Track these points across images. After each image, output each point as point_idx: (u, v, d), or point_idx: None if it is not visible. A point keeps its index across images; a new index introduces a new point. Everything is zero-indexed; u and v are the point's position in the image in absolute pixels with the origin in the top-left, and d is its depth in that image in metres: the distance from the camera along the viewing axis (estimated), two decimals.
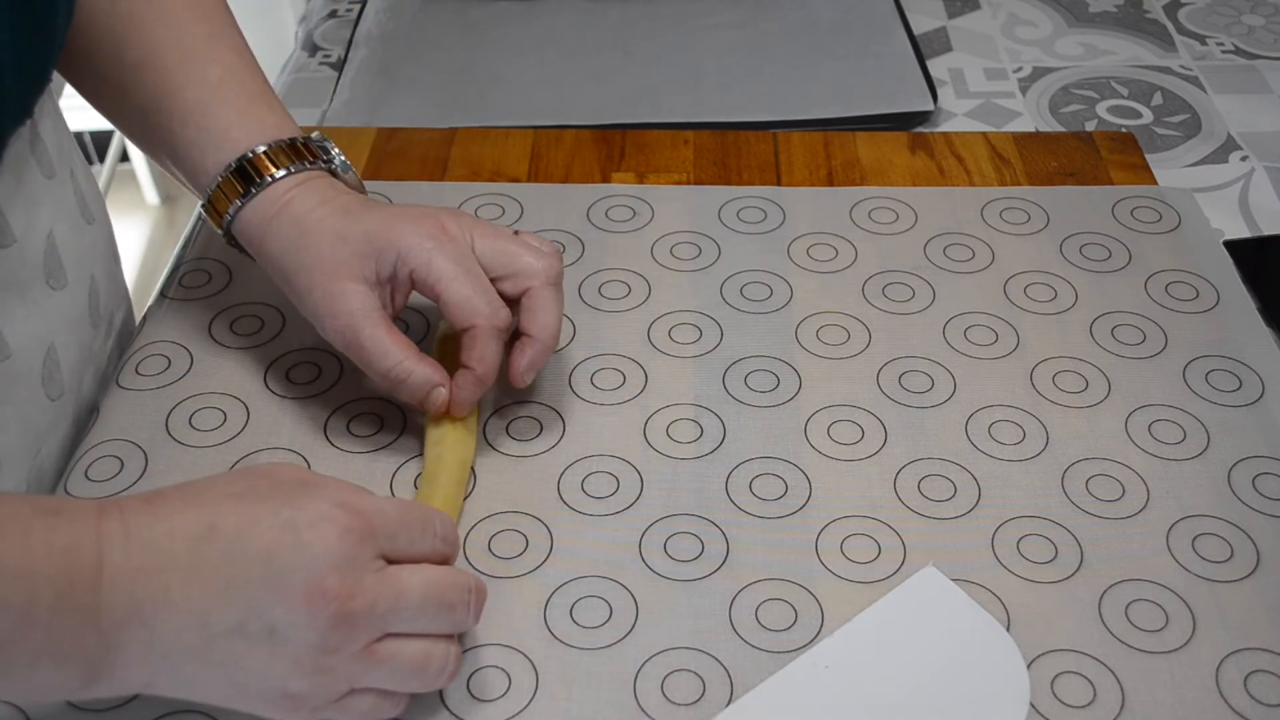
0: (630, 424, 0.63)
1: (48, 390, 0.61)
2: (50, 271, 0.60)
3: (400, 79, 0.94)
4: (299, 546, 0.44)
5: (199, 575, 0.43)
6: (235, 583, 0.43)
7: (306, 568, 0.44)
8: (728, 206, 0.76)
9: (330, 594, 0.44)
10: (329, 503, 0.46)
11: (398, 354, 0.57)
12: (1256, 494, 0.59)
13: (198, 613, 0.43)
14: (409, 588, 0.46)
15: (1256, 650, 0.52)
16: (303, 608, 0.44)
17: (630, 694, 0.51)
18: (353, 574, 0.45)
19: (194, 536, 0.43)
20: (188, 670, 0.44)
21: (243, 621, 0.43)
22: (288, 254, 0.59)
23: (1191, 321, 0.68)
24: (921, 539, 0.57)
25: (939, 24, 1.01)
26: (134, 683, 0.44)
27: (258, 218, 0.60)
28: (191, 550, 0.43)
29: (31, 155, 0.60)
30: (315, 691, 0.45)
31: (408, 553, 0.47)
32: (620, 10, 1.01)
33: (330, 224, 0.58)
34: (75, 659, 0.42)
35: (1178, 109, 0.90)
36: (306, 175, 0.61)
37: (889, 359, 0.66)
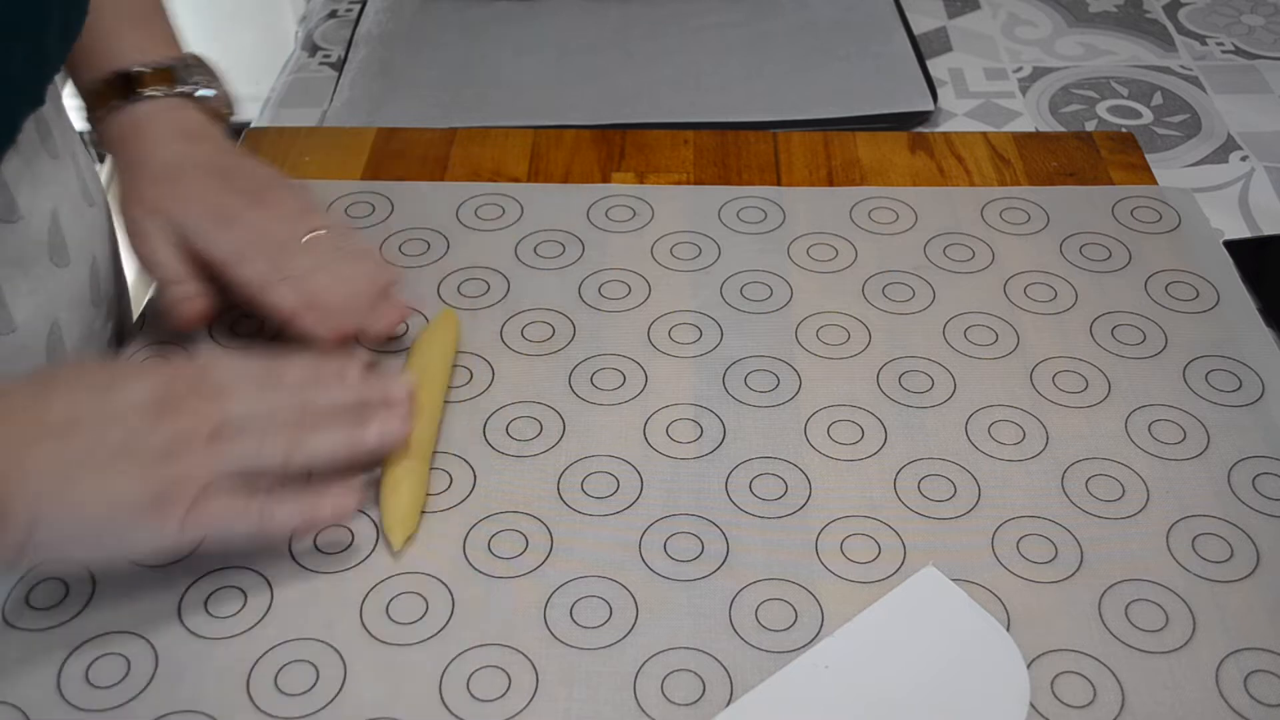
0: (630, 424, 0.63)
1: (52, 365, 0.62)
2: (54, 249, 0.62)
3: (400, 79, 0.94)
4: (123, 385, 0.51)
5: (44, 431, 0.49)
6: (77, 423, 0.49)
7: (133, 396, 0.50)
8: (728, 206, 0.76)
9: (161, 403, 0.51)
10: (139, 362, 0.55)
11: (175, 267, 0.62)
12: (1256, 494, 0.59)
13: (53, 453, 0.48)
14: (228, 388, 0.53)
15: (1256, 650, 0.52)
16: (140, 422, 0.50)
17: (630, 694, 0.51)
18: (176, 387, 0.52)
19: (30, 395, 0.50)
20: (66, 498, 0.48)
21: (92, 448, 0.49)
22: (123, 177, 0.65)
23: (1191, 321, 0.68)
24: (921, 539, 0.57)
25: (939, 24, 1.02)
26: (21, 521, 0.47)
27: (114, 136, 0.65)
28: (32, 403, 0.49)
29: (39, 137, 0.62)
30: (174, 488, 0.50)
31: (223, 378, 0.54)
32: (620, 10, 1.01)
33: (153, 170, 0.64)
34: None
35: (1178, 109, 0.90)
36: (166, 103, 0.65)
37: (889, 359, 0.66)
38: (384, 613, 0.54)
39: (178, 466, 0.50)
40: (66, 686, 0.51)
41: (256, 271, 0.62)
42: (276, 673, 0.52)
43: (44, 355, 0.62)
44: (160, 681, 0.51)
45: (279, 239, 0.63)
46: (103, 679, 0.52)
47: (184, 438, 0.50)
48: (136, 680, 0.52)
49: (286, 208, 0.65)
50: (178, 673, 0.52)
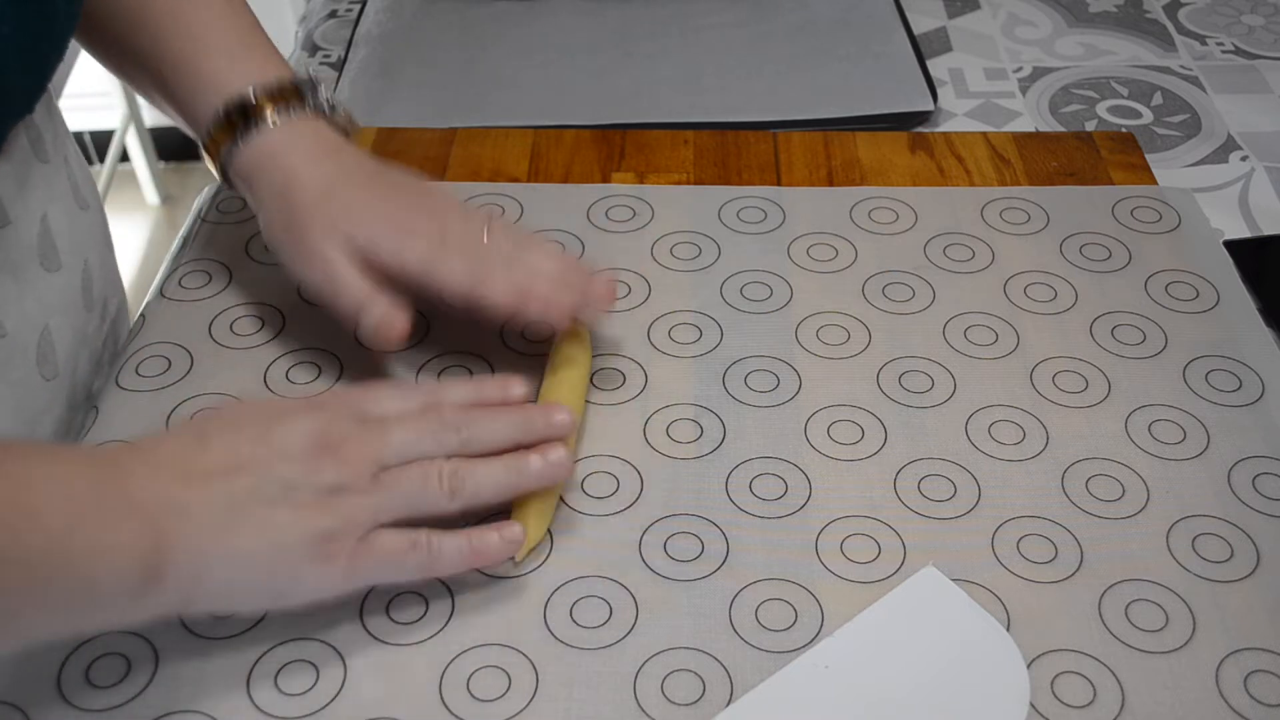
0: (630, 424, 0.63)
1: (42, 371, 0.62)
2: (44, 254, 0.62)
3: (400, 79, 0.94)
4: (284, 423, 0.50)
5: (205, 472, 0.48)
6: (240, 466, 0.49)
7: (295, 438, 0.50)
8: (728, 206, 0.76)
9: (323, 444, 0.50)
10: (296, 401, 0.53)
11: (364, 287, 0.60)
12: (1256, 494, 0.59)
13: (217, 492, 0.48)
14: (389, 425, 0.52)
15: (1256, 650, 0.52)
16: (303, 459, 0.49)
17: (630, 694, 0.51)
18: (338, 427, 0.51)
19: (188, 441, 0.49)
20: (230, 542, 0.47)
21: (258, 487, 0.48)
22: (270, 204, 0.62)
23: (1191, 321, 0.68)
24: (921, 539, 0.57)
25: (939, 24, 1.01)
26: (185, 575, 0.46)
27: (248, 165, 0.62)
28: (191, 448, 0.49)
29: (27, 140, 0.62)
30: (340, 528, 0.49)
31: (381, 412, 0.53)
32: (620, 10, 1.01)
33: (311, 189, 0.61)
34: (128, 552, 0.45)
35: (1178, 109, 0.90)
36: (296, 123, 0.63)
37: (889, 359, 0.66)
38: (384, 613, 0.54)
39: (341, 510, 0.49)
40: (66, 686, 0.51)
41: (457, 272, 0.59)
42: (276, 673, 0.52)
43: (34, 361, 0.61)
44: (160, 681, 0.51)
45: (461, 238, 0.61)
46: (103, 679, 0.52)
47: (347, 478, 0.50)
48: (136, 680, 0.52)
49: (452, 208, 0.63)
50: (178, 673, 0.52)
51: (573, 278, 0.61)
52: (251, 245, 0.73)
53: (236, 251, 0.73)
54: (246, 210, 0.76)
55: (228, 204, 0.76)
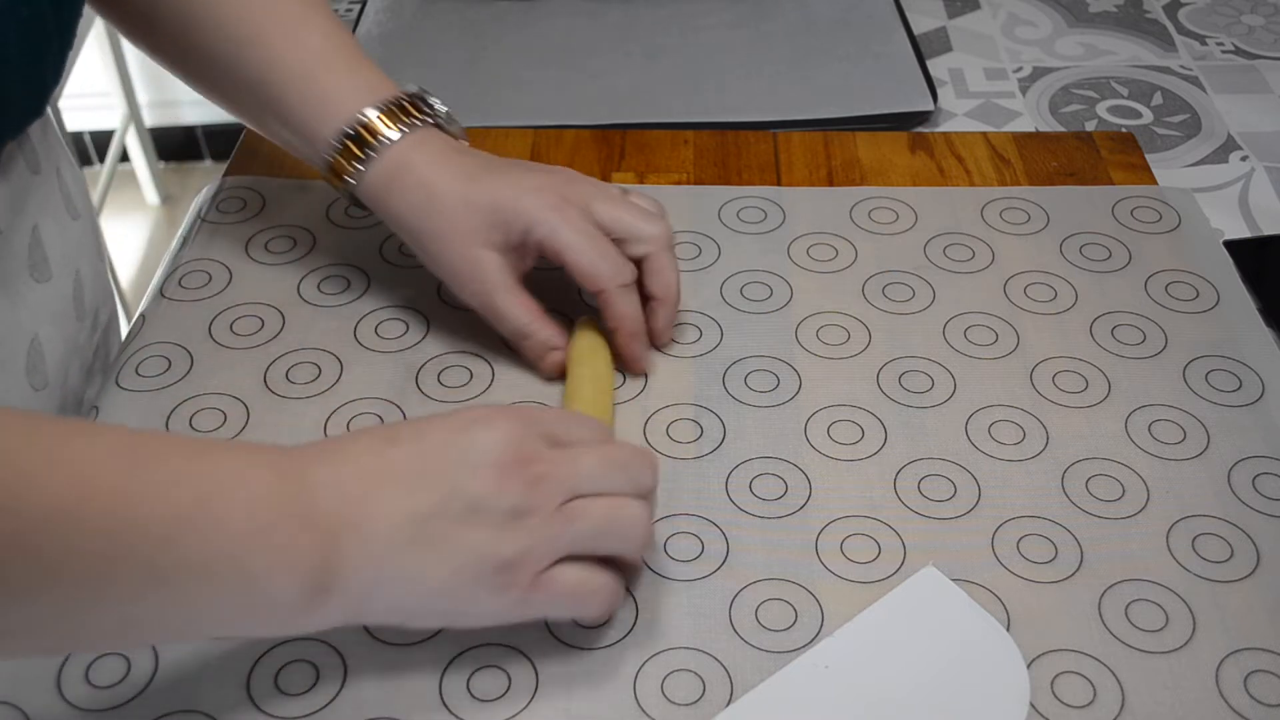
0: (630, 424, 0.63)
1: (31, 381, 0.61)
2: (34, 264, 0.61)
3: (400, 79, 0.94)
4: (474, 437, 0.48)
5: (391, 476, 0.47)
6: (427, 473, 0.47)
7: (486, 450, 0.47)
8: (728, 206, 0.76)
9: (512, 464, 0.47)
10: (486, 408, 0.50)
11: (526, 315, 0.62)
12: (1256, 494, 0.59)
13: (400, 505, 0.46)
14: (583, 454, 0.50)
15: (1256, 650, 0.52)
16: (492, 480, 0.47)
17: (630, 694, 0.51)
18: (530, 446, 0.48)
19: (377, 451, 0.47)
20: (405, 562, 0.46)
21: (443, 503, 0.46)
22: (416, 217, 0.62)
23: (1191, 321, 0.68)
24: (921, 539, 0.57)
25: (939, 24, 1.01)
26: (353, 593, 0.46)
27: (379, 180, 0.63)
28: (379, 457, 0.47)
29: (19, 151, 0.61)
30: (523, 556, 0.47)
31: (567, 438, 0.51)
32: (620, 10, 1.01)
33: (457, 188, 0.61)
34: (300, 567, 0.44)
35: (1178, 109, 0.90)
36: (420, 133, 0.63)
37: (889, 359, 0.66)
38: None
39: (525, 537, 0.47)
40: (66, 686, 0.51)
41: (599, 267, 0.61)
42: (276, 673, 0.52)
43: (23, 371, 0.61)
44: (160, 681, 0.51)
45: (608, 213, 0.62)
46: (103, 679, 0.52)
47: (534, 504, 0.48)
48: (136, 680, 0.52)
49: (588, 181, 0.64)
50: (178, 673, 0.52)
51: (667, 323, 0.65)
52: (251, 245, 0.73)
53: (236, 251, 0.73)
54: (247, 210, 0.76)
55: (227, 204, 0.76)
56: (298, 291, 0.70)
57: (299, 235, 0.74)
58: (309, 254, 0.73)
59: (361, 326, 0.68)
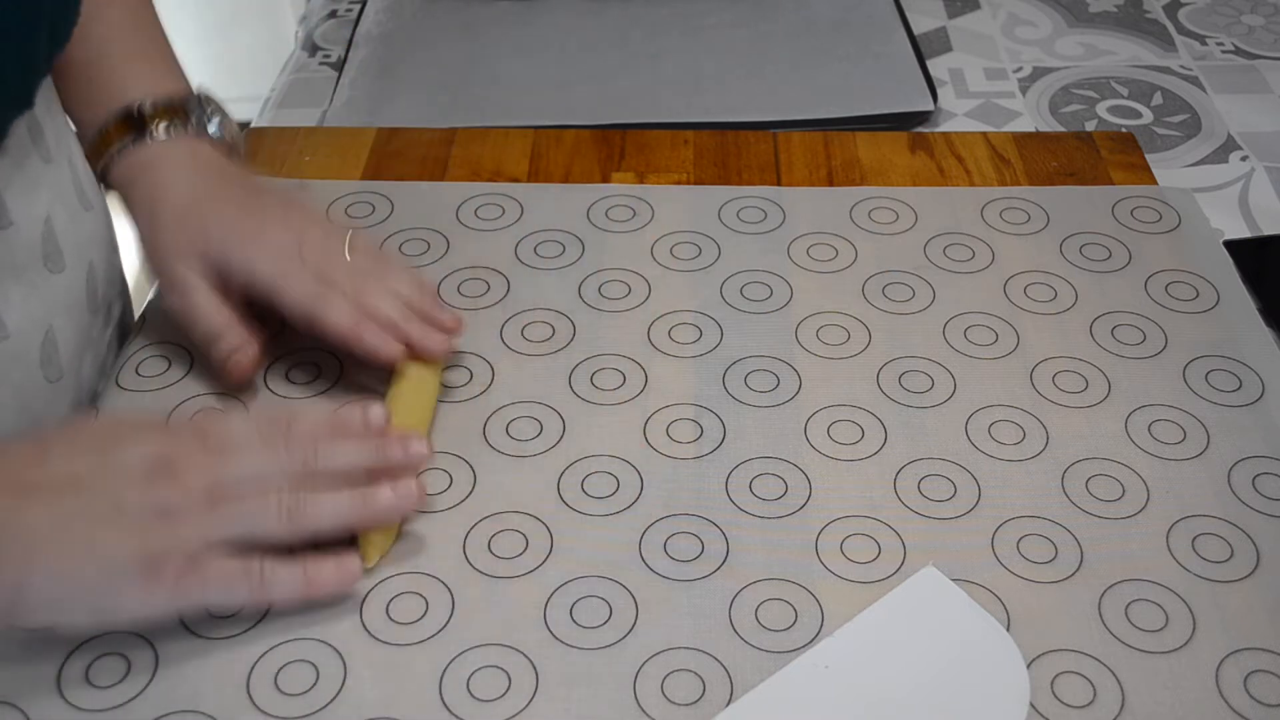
0: (630, 424, 0.63)
1: (46, 373, 0.61)
2: (48, 255, 0.61)
3: (400, 79, 0.94)
4: (125, 443, 0.50)
5: (39, 477, 0.49)
6: (74, 479, 0.49)
7: (136, 453, 0.50)
8: (728, 206, 0.76)
9: (161, 465, 0.50)
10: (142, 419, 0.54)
11: (218, 319, 0.61)
12: (1256, 494, 0.59)
13: (47, 505, 0.48)
14: (232, 455, 0.51)
15: (1256, 650, 0.52)
16: (138, 479, 0.49)
17: (630, 694, 0.51)
18: (178, 450, 0.51)
19: (28, 455, 0.50)
20: (52, 560, 0.48)
21: (89, 508, 0.48)
22: (139, 219, 0.64)
23: (1191, 321, 0.68)
24: (921, 539, 0.57)
25: (939, 24, 1.02)
26: (12, 580, 0.47)
27: (124, 175, 0.64)
28: (29, 462, 0.49)
29: (30, 140, 0.61)
30: (168, 550, 0.49)
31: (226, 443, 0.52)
32: (620, 10, 1.01)
33: (174, 203, 0.63)
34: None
35: (1178, 109, 0.90)
36: (178, 138, 0.64)
37: (889, 359, 0.66)
38: (384, 613, 0.54)
39: (171, 529, 0.49)
40: (66, 687, 0.51)
41: (305, 290, 0.61)
42: (276, 673, 0.52)
43: (38, 363, 0.61)
44: (160, 681, 0.51)
45: (316, 257, 0.62)
46: (103, 679, 0.52)
47: (179, 500, 0.50)
48: (136, 680, 0.51)
49: (314, 221, 0.64)
50: (178, 673, 0.52)
51: (422, 308, 0.62)
52: None
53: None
54: None
55: None
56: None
57: None
58: None
59: None
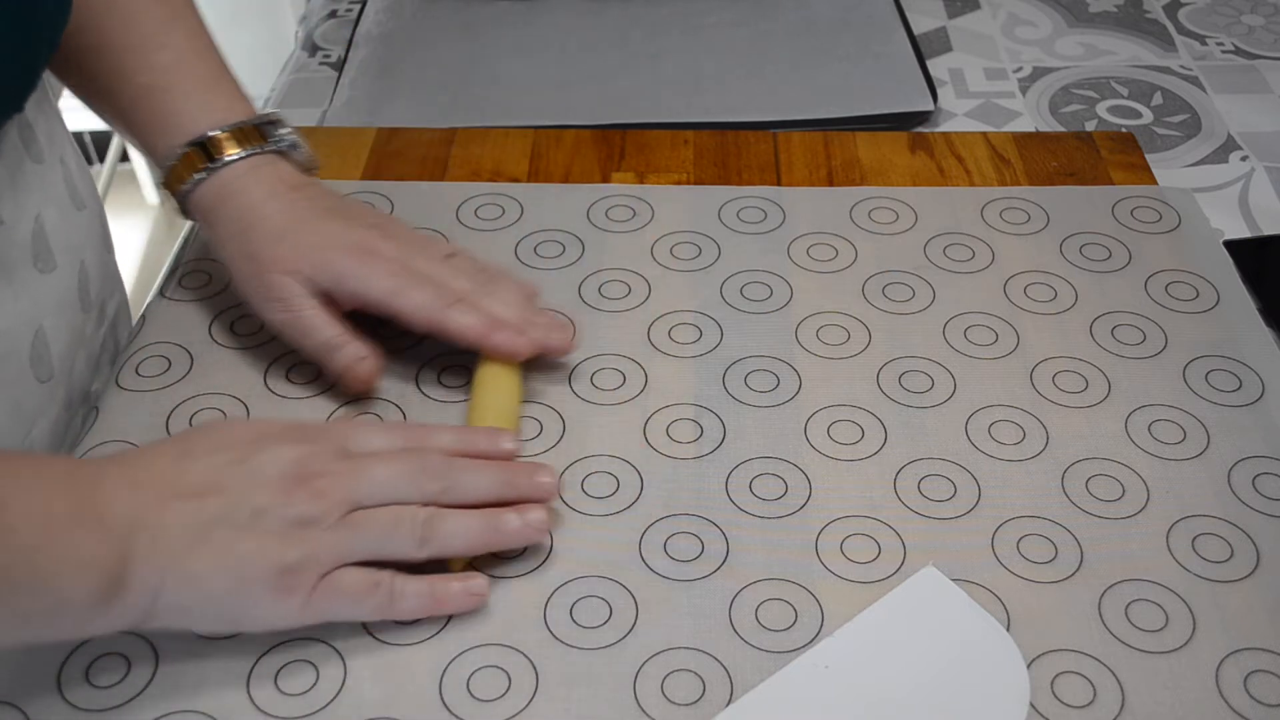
0: (630, 424, 0.63)
1: (36, 372, 0.61)
2: (38, 254, 0.61)
3: (400, 79, 0.94)
4: (266, 449, 0.51)
5: (182, 485, 0.49)
6: (216, 485, 0.50)
7: (274, 463, 0.51)
8: (728, 206, 0.76)
9: (299, 476, 0.51)
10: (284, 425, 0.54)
11: (333, 329, 0.62)
12: (1256, 494, 0.59)
13: (188, 512, 0.49)
14: (371, 466, 0.52)
15: (1256, 650, 0.52)
16: (277, 491, 0.50)
17: (630, 694, 0.51)
18: (319, 460, 0.52)
19: (172, 458, 0.50)
20: (191, 565, 0.48)
21: (229, 513, 0.49)
22: (231, 241, 0.63)
23: (1191, 321, 0.68)
24: (921, 539, 0.57)
25: (939, 24, 1.01)
26: (146, 591, 0.47)
27: (209, 197, 0.64)
28: (173, 466, 0.50)
29: (20, 139, 0.61)
30: (305, 563, 0.49)
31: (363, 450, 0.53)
32: (620, 10, 1.01)
33: (273, 222, 0.62)
34: (93, 567, 0.46)
35: (1178, 109, 0.90)
36: (257, 160, 0.64)
37: (889, 359, 0.66)
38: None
39: (308, 542, 0.50)
40: (66, 686, 0.51)
41: (424, 299, 0.61)
42: (276, 673, 0.52)
43: (27, 362, 0.61)
44: (160, 681, 0.51)
45: (424, 266, 0.62)
46: (103, 679, 0.52)
47: (317, 513, 0.50)
48: (136, 680, 0.52)
49: (412, 236, 0.64)
50: (178, 673, 0.52)
51: (534, 320, 0.63)
52: None
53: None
54: None
55: None
56: None
57: None
58: None
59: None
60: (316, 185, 0.65)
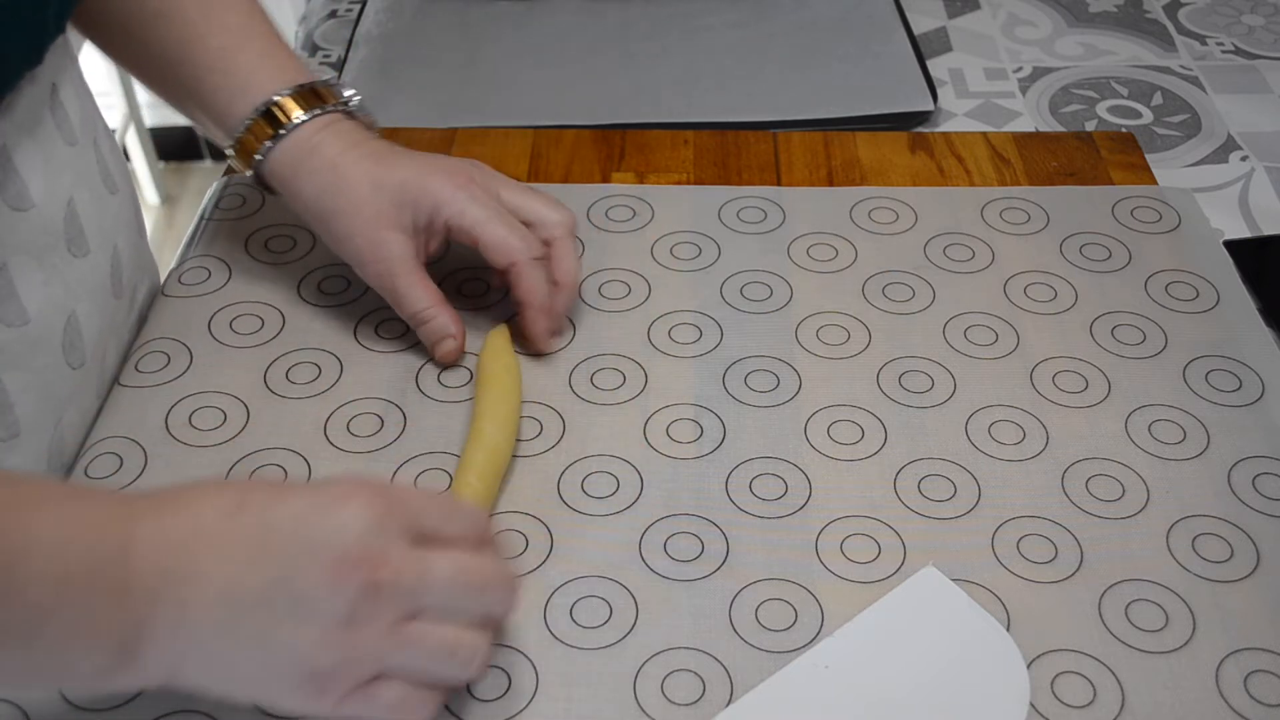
0: (630, 424, 0.63)
1: (68, 358, 0.61)
2: (71, 238, 0.61)
3: (400, 79, 0.94)
4: (326, 517, 0.44)
5: (228, 546, 0.43)
6: (263, 554, 0.43)
7: (333, 537, 0.44)
8: (728, 206, 0.76)
9: (356, 562, 0.43)
10: (354, 483, 0.46)
11: (426, 299, 0.63)
12: (1256, 494, 0.59)
13: (226, 584, 0.43)
14: (437, 565, 0.46)
15: (1256, 650, 0.52)
16: (329, 576, 0.43)
17: (630, 694, 0.51)
18: (379, 544, 0.44)
19: (223, 512, 0.44)
20: (215, 647, 0.43)
21: (270, 592, 0.43)
22: (324, 196, 0.63)
23: (1191, 321, 0.68)
24: (921, 539, 0.57)
25: (939, 24, 1.01)
26: (162, 665, 0.43)
27: (288, 159, 0.64)
28: (220, 522, 0.43)
29: (53, 120, 0.60)
30: (341, 669, 0.44)
31: (435, 533, 0.46)
32: (620, 10, 1.01)
33: (365, 169, 0.63)
34: (106, 637, 0.42)
35: (1178, 109, 0.90)
36: (330, 118, 0.65)
37: (889, 359, 0.66)
38: None
39: (349, 649, 0.44)
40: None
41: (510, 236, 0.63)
42: None
43: (59, 349, 0.60)
44: None
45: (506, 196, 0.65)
46: None
47: (368, 614, 0.44)
48: None
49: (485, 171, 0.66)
50: None
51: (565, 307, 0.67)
52: (251, 243, 0.73)
53: (236, 249, 0.73)
54: (246, 207, 0.76)
55: (228, 201, 0.76)
56: (298, 291, 0.70)
57: (299, 235, 0.74)
58: (309, 253, 0.72)
59: (361, 326, 0.68)
60: (384, 141, 0.66)
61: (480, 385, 0.62)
